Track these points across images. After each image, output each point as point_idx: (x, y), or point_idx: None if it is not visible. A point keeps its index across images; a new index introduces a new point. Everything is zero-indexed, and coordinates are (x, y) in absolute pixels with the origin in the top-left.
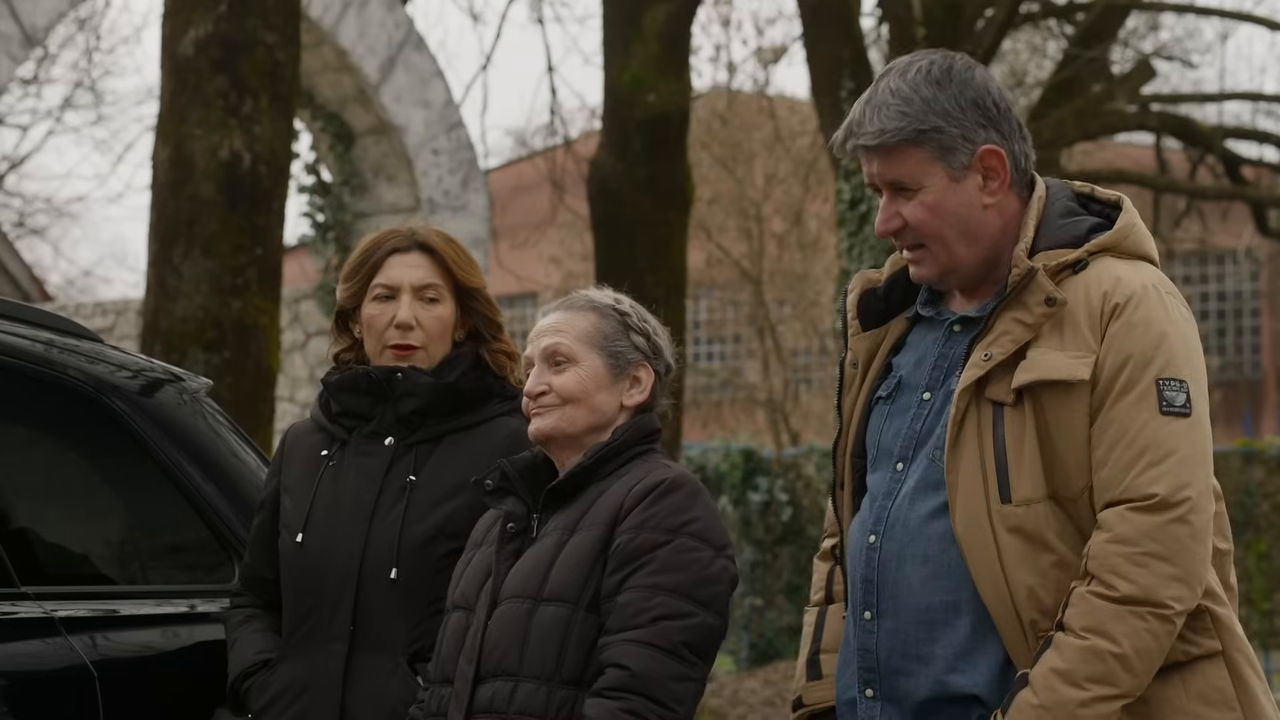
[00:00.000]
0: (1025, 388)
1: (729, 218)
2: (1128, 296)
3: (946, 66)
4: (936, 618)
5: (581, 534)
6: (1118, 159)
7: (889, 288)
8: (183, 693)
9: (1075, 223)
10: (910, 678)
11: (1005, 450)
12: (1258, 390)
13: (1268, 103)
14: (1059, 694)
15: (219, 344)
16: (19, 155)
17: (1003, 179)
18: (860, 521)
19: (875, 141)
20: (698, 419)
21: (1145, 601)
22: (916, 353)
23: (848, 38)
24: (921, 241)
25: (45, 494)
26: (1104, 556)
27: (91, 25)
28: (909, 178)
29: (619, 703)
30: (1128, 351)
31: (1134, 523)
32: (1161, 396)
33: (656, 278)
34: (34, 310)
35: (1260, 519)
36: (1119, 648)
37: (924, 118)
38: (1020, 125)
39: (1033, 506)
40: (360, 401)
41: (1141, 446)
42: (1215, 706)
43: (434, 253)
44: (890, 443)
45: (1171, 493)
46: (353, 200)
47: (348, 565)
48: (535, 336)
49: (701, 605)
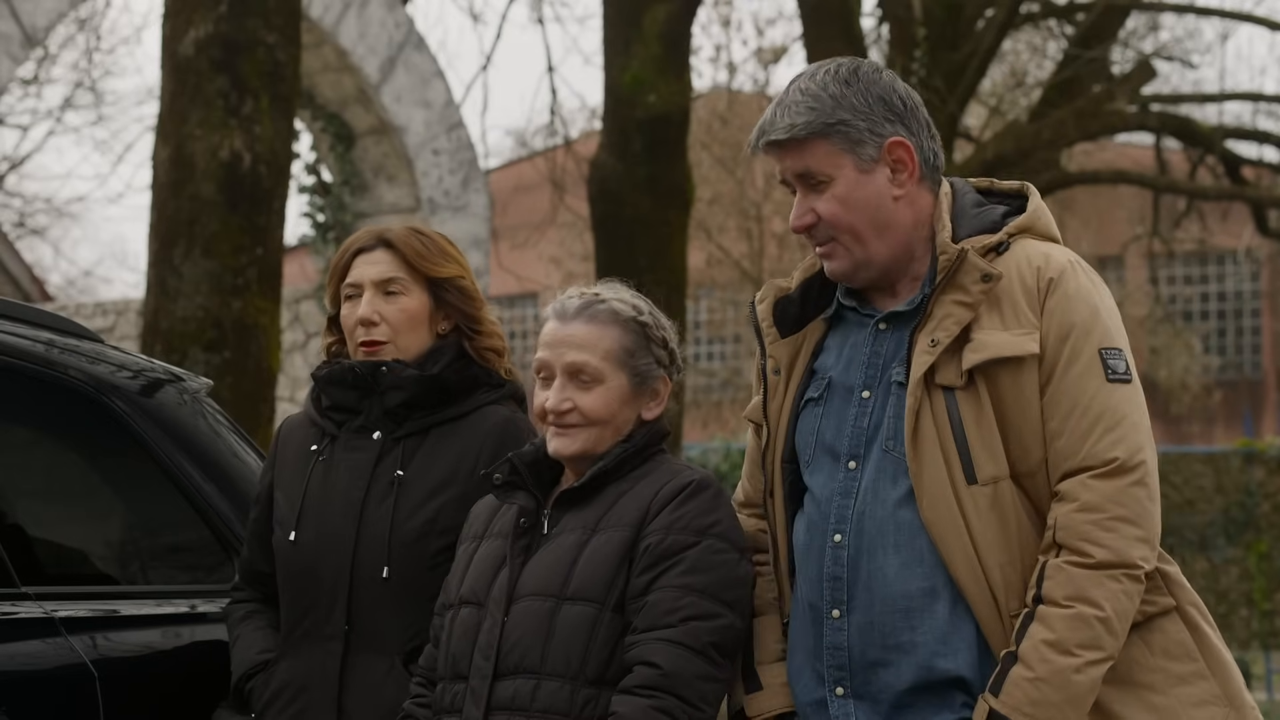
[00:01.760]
0: (977, 368)
1: (729, 218)
2: (1060, 271)
3: (854, 68)
4: (915, 605)
5: (605, 534)
6: (1118, 159)
7: (802, 293)
8: (183, 693)
9: (988, 210)
10: (890, 668)
11: (964, 433)
12: (1258, 390)
13: (1268, 103)
14: (1053, 664)
15: (219, 344)
16: (19, 155)
17: (911, 171)
18: (812, 523)
19: (785, 135)
20: (698, 419)
21: (1119, 564)
22: (841, 354)
23: (848, 38)
24: (833, 236)
25: (46, 494)
26: (1074, 526)
27: (92, 25)
28: (819, 170)
29: (650, 700)
30: (1070, 323)
31: (1098, 489)
32: (1106, 364)
33: (657, 278)
34: (34, 310)
35: (1260, 519)
36: (1103, 611)
37: (831, 112)
38: (928, 123)
39: (999, 484)
40: (347, 395)
41: (1096, 414)
42: (1178, 659)
43: (394, 247)
44: (833, 442)
45: (1129, 456)
46: (353, 200)
47: (339, 564)
48: (556, 345)
49: (728, 606)
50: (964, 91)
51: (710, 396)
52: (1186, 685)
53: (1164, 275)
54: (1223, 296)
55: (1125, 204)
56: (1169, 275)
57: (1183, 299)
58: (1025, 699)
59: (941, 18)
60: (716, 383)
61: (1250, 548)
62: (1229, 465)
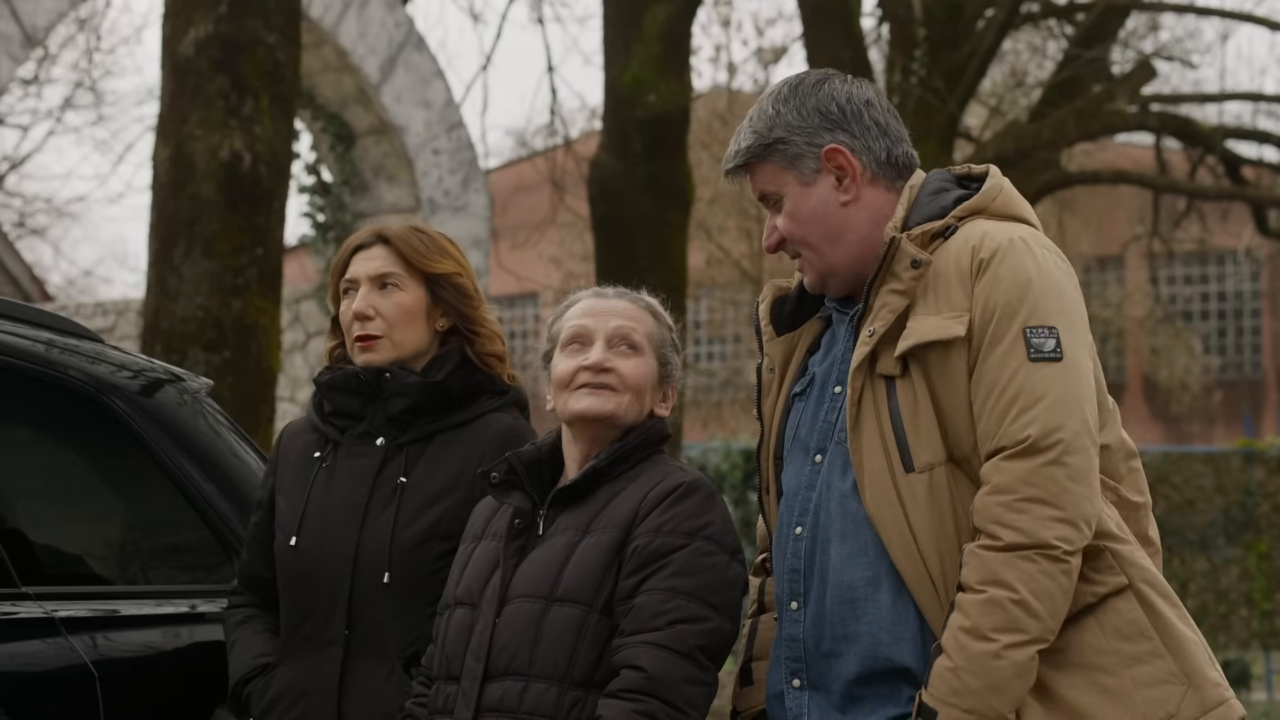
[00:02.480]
0: (909, 354)
1: (729, 218)
2: (993, 250)
3: (796, 83)
4: (859, 595)
5: (595, 535)
6: (1118, 159)
7: (801, 292)
8: (183, 693)
9: (941, 196)
10: (840, 659)
11: (901, 420)
12: (1258, 390)
13: (1268, 103)
14: (969, 650)
15: (219, 344)
16: (19, 155)
17: (854, 175)
18: (781, 517)
19: (734, 163)
20: (698, 419)
21: (1030, 545)
22: (830, 352)
23: (848, 38)
24: (798, 250)
25: (46, 494)
26: (985, 509)
27: (92, 25)
28: (769, 190)
29: (634, 704)
30: (995, 303)
31: (1009, 471)
32: (1029, 343)
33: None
34: (35, 310)
35: (1260, 519)
36: (1016, 594)
37: (768, 133)
38: (879, 123)
39: (935, 471)
40: (351, 401)
41: (1013, 395)
42: (1132, 639)
43: (391, 243)
44: (806, 437)
45: (1042, 435)
46: (353, 200)
47: (340, 569)
48: (600, 314)
49: (716, 610)
50: (964, 91)
51: (710, 396)
52: (1140, 665)
53: (1164, 275)
54: (1223, 296)
55: (1125, 204)
56: (1169, 275)
57: (1183, 299)
58: (948, 689)
59: (941, 18)
60: (716, 382)
61: (1250, 548)
62: (1229, 465)
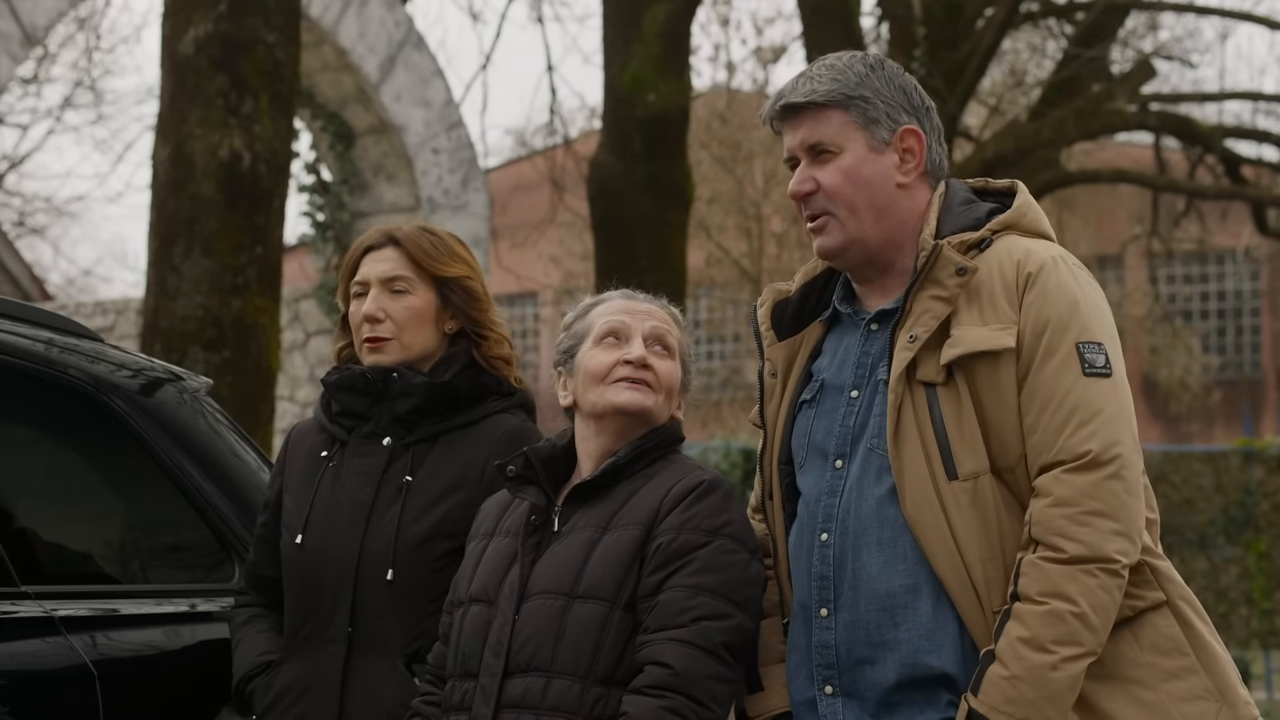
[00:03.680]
0: (955, 363)
1: (729, 217)
2: (1040, 265)
3: (880, 60)
4: (898, 602)
5: (617, 532)
6: (1118, 159)
7: (801, 296)
8: (183, 692)
9: (974, 207)
10: (876, 665)
11: (945, 428)
12: (1258, 390)
13: (1267, 102)
14: (1028, 661)
15: (219, 343)
16: (19, 155)
17: (918, 162)
18: (802, 524)
19: (804, 99)
20: (698, 419)
21: (1093, 559)
22: (836, 356)
23: (848, 38)
24: (829, 209)
25: (45, 493)
26: (1047, 521)
27: (91, 24)
28: (830, 140)
29: (660, 700)
30: (1046, 317)
31: (1071, 483)
32: (1083, 359)
33: (657, 277)
34: (34, 309)
35: (1260, 519)
36: (1077, 607)
37: (855, 87)
38: (939, 129)
39: (979, 480)
40: (358, 401)
41: (1070, 408)
42: (1169, 654)
43: (402, 246)
44: (823, 442)
45: (1103, 450)
46: (353, 200)
47: (345, 567)
48: (637, 313)
49: (739, 607)
50: (964, 91)
51: (710, 396)
52: (1176, 680)
53: (1163, 275)
54: (1222, 296)
55: (1125, 203)
56: (1168, 275)
57: (1182, 298)
58: (1003, 698)
59: (941, 17)
60: (716, 382)
61: (1250, 547)
62: (1228, 465)
